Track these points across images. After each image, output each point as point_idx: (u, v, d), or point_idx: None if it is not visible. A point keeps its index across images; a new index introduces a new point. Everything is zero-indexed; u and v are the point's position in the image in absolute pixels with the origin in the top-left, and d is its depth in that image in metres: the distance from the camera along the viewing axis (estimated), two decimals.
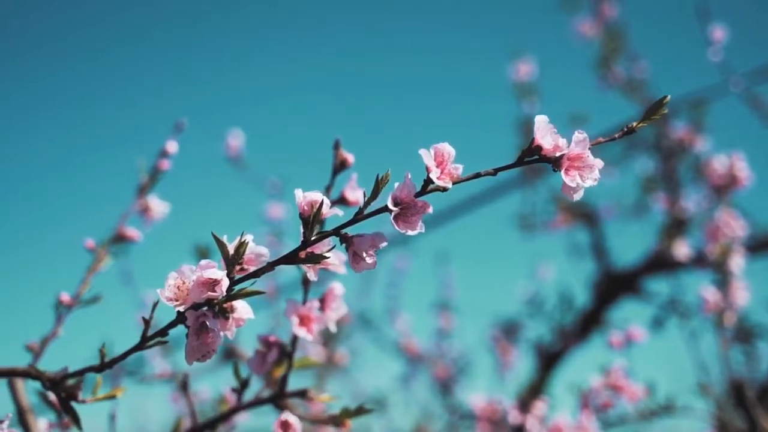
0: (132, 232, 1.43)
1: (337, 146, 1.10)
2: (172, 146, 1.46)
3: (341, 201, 1.10)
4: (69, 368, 1.01)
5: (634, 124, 0.86)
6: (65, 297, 1.31)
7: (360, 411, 1.13)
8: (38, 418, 1.27)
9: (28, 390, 1.29)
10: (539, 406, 1.89)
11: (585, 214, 3.42)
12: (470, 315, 4.39)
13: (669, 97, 0.86)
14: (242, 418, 2.62)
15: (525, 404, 2.54)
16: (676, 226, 3.01)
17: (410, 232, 0.81)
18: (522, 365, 3.67)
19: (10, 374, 1.04)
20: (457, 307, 4.04)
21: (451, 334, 3.96)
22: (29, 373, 1.03)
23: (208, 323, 0.85)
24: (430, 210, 0.81)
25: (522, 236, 3.53)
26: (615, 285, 3.31)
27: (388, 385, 4.01)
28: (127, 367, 2.68)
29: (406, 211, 0.81)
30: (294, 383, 1.19)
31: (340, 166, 1.10)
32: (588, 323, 3.33)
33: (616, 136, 0.86)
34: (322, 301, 1.10)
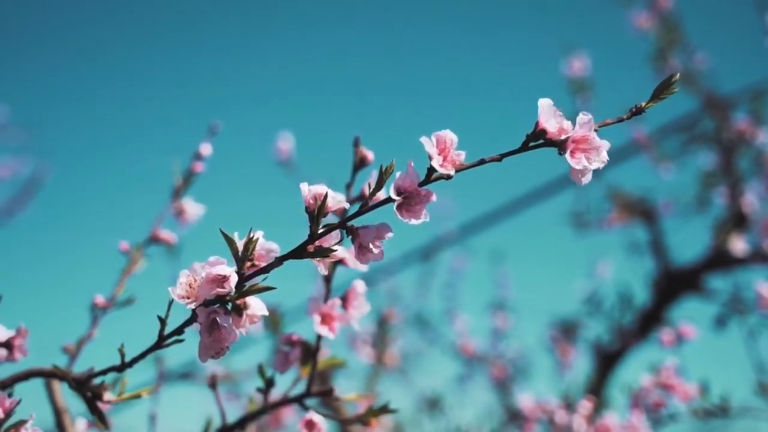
0: (167, 234, 1.44)
1: (356, 144, 1.09)
2: (206, 149, 1.47)
3: (362, 198, 1.09)
4: (94, 368, 1.02)
5: (643, 104, 0.82)
6: (100, 299, 1.33)
7: (384, 410, 1.11)
8: (77, 419, 1.29)
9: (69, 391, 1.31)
10: (586, 406, 1.85)
11: (643, 211, 3.35)
12: (528, 315, 4.35)
13: (678, 75, 0.83)
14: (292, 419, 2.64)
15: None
16: (736, 221, 2.93)
17: (414, 222, 0.80)
18: (581, 365, 3.61)
19: (36, 375, 1.05)
20: (514, 307, 4.01)
21: (508, 335, 3.93)
22: (54, 374, 1.04)
23: (218, 320, 0.84)
24: (434, 198, 0.80)
25: (576, 234, 3.48)
26: (675, 283, 3.22)
27: (445, 386, 3.99)
28: (181, 370, 2.72)
29: (409, 200, 0.80)
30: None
31: (360, 163, 1.09)
32: (648, 322, 3.26)
33: (624, 117, 0.83)
34: (345, 299, 1.09)
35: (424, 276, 4.20)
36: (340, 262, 1.06)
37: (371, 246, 0.82)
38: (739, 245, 2.83)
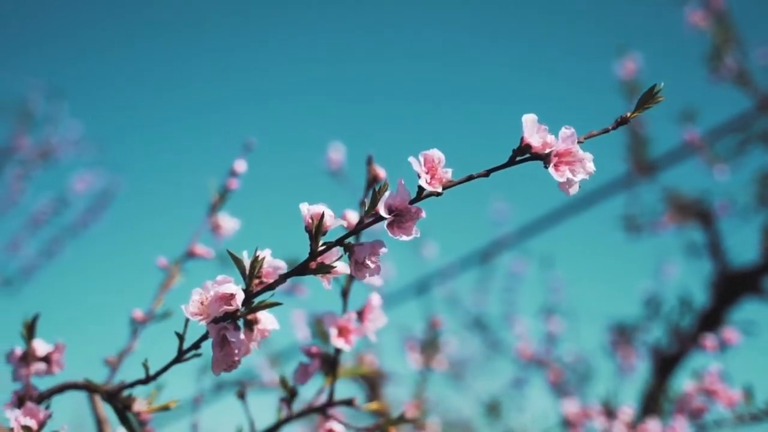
0: (202, 249, 1.49)
1: (369, 162, 1.12)
2: (240, 165, 1.51)
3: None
4: (125, 381, 1.08)
5: (628, 114, 0.84)
6: (138, 314, 1.38)
7: (402, 419, 1.14)
8: (118, 428, 1.34)
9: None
10: (626, 412, 1.85)
11: (699, 212, 3.30)
12: (588, 319, 4.31)
13: (662, 84, 0.84)
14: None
15: (649, 411, 2.47)
16: None
17: (405, 238, 0.83)
18: (643, 370, 3.56)
19: (71, 387, 1.11)
20: (570, 311, 3.98)
21: (564, 339, 3.90)
22: (87, 387, 1.10)
23: (228, 336, 0.89)
24: (424, 215, 0.82)
25: (628, 238, 3.45)
26: (734, 285, 3.17)
27: (503, 390, 3.98)
28: (236, 378, 2.80)
29: (400, 218, 0.83)
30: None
31: (373, 181, 1.12)
32: (707, 325, 3.20)
33: (610, 128, 0.84)
34: (361, 313, 1.12)
35: (483, 280, 4.21)
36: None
37: (368, 262, 0.85)
38: None
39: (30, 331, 1.15)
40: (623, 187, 3.33)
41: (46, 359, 1.16)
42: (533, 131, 0.82)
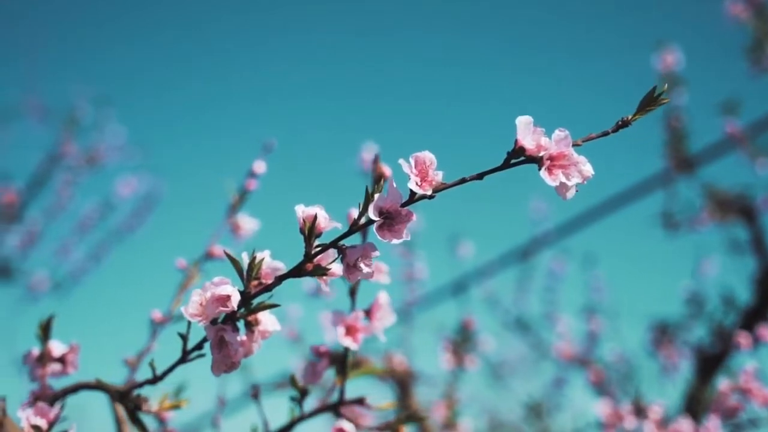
0: (221, 250, 1.50)
1: (375, 160, 1.12)
2: (259, 166, 1.52)
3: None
4: (136, 380, 1.09)
5: (629, 117, 0.82)
6: (157, 315, 1.40)
7: (411, 417, 1.14)
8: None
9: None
10: (656, 411, 1.82)
11: (742, 208, 3.22)
12: (629, 318, 4.25)
13: (665, 86, 0.82)
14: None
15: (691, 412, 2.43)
16: None
17: (395, 241, 0.82)
18: (686, 369, 3.50)
19: (83, 388, 1.12)
20: (612, 310, 3.92)
21: (605, 338, 3.85)
22: (99, 387, 1.11)
23: (226, 337, 0.89)
24: (414, 218, 0.81)
25: (666, 235, 3.39)
26: None
27: (543, 390, 3.95)
28: (272, 380, 2.82)
29: (391, 220, 0.82)
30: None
31: (379, 179, 1.12)
32: (750, 323, 3.13)
33: (609, 131, 0.82)
34: (369, 311, 1.12)
35: (523, 279, 4.18)
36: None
37: (360, 264, 0.84)
38: None
39: (45, 332, 1.16)
40: (661, 184, 3.27)
41: (62, 360, 1.17)
42: (527, 133, 0.80)
